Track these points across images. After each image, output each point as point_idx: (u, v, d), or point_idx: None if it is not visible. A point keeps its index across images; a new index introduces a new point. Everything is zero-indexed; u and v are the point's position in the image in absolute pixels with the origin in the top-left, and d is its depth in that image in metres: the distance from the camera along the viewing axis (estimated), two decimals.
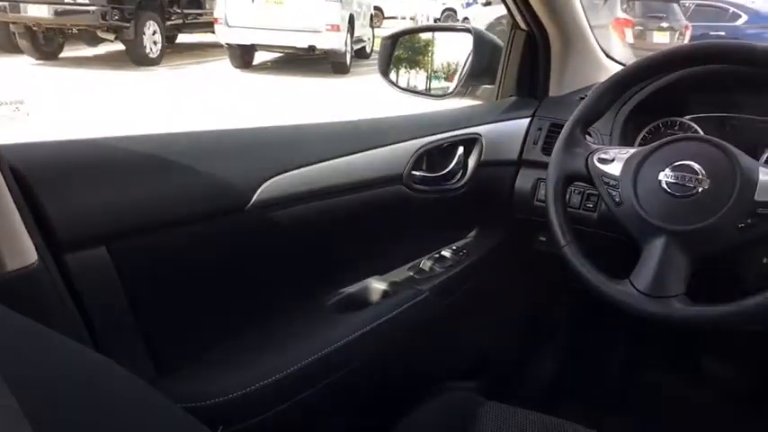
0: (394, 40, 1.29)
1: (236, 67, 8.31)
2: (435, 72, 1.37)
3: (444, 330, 1.15)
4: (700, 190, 0.78)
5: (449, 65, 1.35)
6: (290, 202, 0.83)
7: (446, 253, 1.13)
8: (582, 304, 0.86)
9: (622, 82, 0.90)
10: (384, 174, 0.94)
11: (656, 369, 1.50)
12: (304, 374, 0.83)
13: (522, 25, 1.17)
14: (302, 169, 0.84)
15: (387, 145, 0.95)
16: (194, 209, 0.73)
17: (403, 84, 1.35)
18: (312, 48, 7.84)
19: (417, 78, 1.37)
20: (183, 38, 9.86)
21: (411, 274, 1.08)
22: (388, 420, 0.85)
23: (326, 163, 0.87)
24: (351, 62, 8.50)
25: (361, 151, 0.92)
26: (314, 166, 0.85)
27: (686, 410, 1.41)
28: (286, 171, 0.82)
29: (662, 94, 1.06)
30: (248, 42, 7.92)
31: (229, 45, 8.04)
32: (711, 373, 1.46)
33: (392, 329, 0.99)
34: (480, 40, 1.22)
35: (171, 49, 9.06)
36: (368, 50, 9.84)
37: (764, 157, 1.01)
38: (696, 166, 0.79)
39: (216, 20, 7.88)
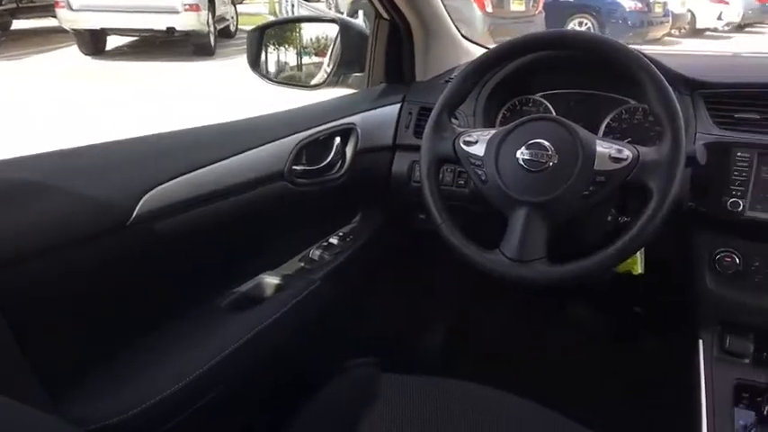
0: (261, 32, 1.29)
1: (86, 54, 7.64)
2: (305, 48, 1.38)
3: (340, 314, 1.20)
4: (551, 164, 0.88)
5: (318, 39, 1.37)
6: (174, 211, 0.82)
7: (333, 240, 1.17)
8: (465, 273, 0.94)
9: (480, 68, 0.98)
10: (266, 172, 0.96)
11: (534, 323, 1.66)
12: (205, 379, 0.84)
13: (385, 15, 1.22)
14: (183, 177, 0.83)
15: (266, 143, 0.97)
16: (72, 231, 0.71)
17: (273, 62, 1.36)
18: (171, 30, 7.40)
19: (288, 56, 1.37)
20: (19, 24, 8.86)
21: (302, 264, 1.12)
22: (293, 409, 0.88)
23: (208, 168, 0.87)
24: (215, 43, 8.14)
25: (241, 152, 0.92)
26: (195, 172, 0.85)
27: (561, 356, 1.59)
28: (167, 181, 0.81)
29: (515, 76, 1.16)
30: (97, 27, 7.30)
31: (76, 31, 7.36)
32: (579, 320, 1.65)
33: (289, 321, 1.02)
34: (346, 31, 1.25)
35: (5, 37, 8.12)
36: (232, 29, 9.47)
37: (603, 126, 1.15)
38: (546, 144, 0.89)
39: (56, 3, 7.17)
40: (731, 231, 0.97)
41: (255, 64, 1.30)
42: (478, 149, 0.94)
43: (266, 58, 1.33)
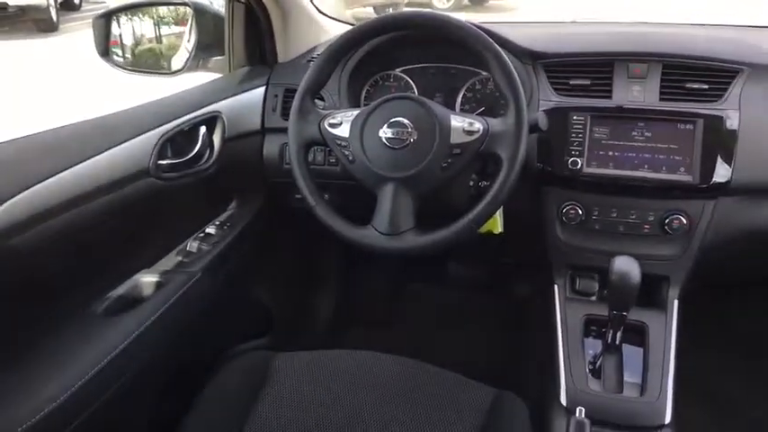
0: (107, 18, 1.20)
1: None
2: (163, 19, 1.32)
3: (226, 302, 1.20)
4: (411, 141, 0.93)
5: (176, 9, 1.31)
6: (34, 222, 0.77)
7: (210, 230, 1.16)
8: (345, 247, 0.98)
9: (337, 52, 1.00)
10: (130, 171, 0.92)
11: (415, 284, 1.76)
12: (87, 390, 0.82)
13: None
14: (40, 185, 0.78)
15: (126, 140, 0.93)
16: None
17: (127, 47, 1.29)
18: (3, 5, 6.60)
19: (143, 27, 1.31)
20: None
21: (180, 258, 1.10)
22: (189, 400, 0.89)
23: (66, 173, 0.82)
24: (58, 17, 7.39)
25: (101, 153, 0.88)
26: (52, 179, 0.80)
27: (443, 310, 1.70)
28: (20, 192, 0.75)
29: (376, 53, 1.20)
30: None
31: None
32: (457, 276, 1.77)
33: (173, 317, 1.01)
34: (201, 13, 1.22)
35: None
36: (77, 1, 8.64)
37: (460, 97, 1.23)
38: (406, 121, 0.94)
39: None
40: (574, 187, 1.10)
41: (105, 52, 1.22)
42: (343, 131, 0.97)
43: (121, 43, 1.26)
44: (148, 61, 1.33)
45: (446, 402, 0.87)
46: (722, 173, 1.00)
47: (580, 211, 1.10)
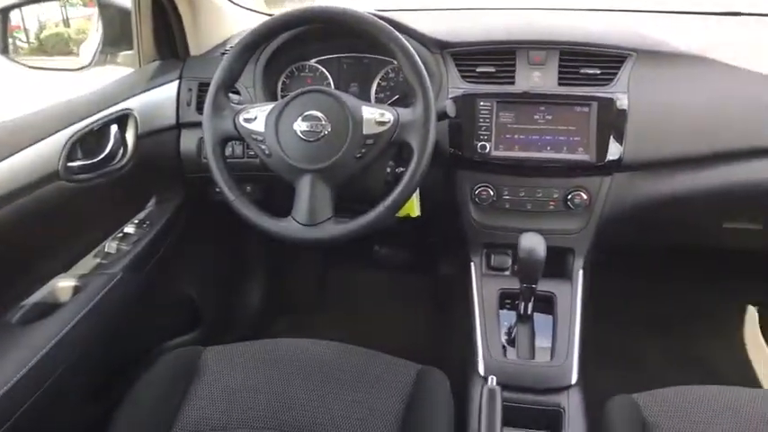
0: (4, 14, 1.15)
1: None
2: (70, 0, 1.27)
3: (151, 300, 1.19)
4: (325, 133, 0.95)
5: None
6: None
7: (129, 229, 1.14)
8: (270, 238, 1.00)
9: (248, 46, 1.00)
10: (37, 175, 0.90)
11: (342, 268, 1.79)
12: (8, 399, 0.81)
13: None
14: None
15: (32, 144, 0.90)
16: None
17: (32, 40, 1.23)
18: None
19: (49, 10, 1.25)
20: None
21: (99, 260, 1.08)
22: (118, 403, 0.89)
23: None
24: None
25: (6, 158, 0.85)
26: None
27: (372, 292, 1.75)
28: None
29: (289, 45, 1.21)
30: None
31: None
32: (383, 258, 1.82)
33: (96, 319, 1.00)
34: (106, 7, 1.18)
35: None
36: None
37: (374, 86, 1.26)
38: (319, 114, 0.96)
39: None
40: (484, 169, 1.15)
41: (5, 50, 1.16)
42: (258, 125, 0.98)
43: (24, 28, 1.21)
44: (56, 46, 1.28)
45: (373, 381, 0.91)
46: (614, 151, 1.09)
47: (491, 192, 1.16)
